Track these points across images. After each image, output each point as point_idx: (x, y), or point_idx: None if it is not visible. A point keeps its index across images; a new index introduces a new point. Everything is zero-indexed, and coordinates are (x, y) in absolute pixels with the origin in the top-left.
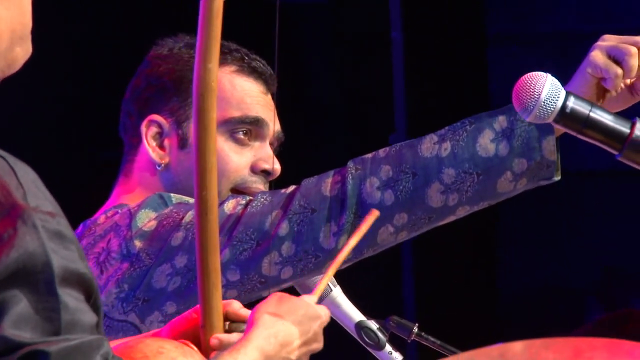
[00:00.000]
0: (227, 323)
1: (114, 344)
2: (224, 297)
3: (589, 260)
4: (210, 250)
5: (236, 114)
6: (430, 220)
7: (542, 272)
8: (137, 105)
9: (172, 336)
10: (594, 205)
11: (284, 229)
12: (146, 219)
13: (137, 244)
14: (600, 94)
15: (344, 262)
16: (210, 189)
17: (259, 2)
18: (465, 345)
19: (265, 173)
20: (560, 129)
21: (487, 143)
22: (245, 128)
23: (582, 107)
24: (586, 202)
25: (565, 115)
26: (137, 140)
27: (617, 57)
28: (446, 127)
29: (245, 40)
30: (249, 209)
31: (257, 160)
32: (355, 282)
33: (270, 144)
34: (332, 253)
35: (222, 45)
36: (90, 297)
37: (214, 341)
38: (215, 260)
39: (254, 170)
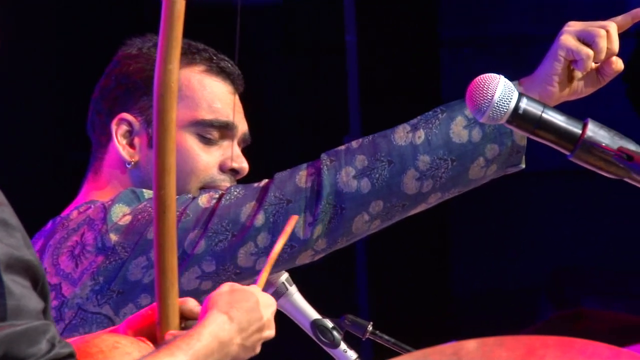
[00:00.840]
0: (183, 320)
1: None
2: (200, 289)
3: (540, 260)
4: (168, 249)
5: (207, 116)
6: (404, 208)
7: (495, 271)
8: (107, 103)
9: (130, 333)
10: (544, 206)
11: (259, 220)
12: (120, 213)
13: (113, 237)
14: (570, 77)
15: (318, 253)
16: (168, 189)
17: (215, 5)
18: (420, 344)
19: (233, 172)
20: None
21: (460, 130)
22: (215, 131)
23: (534, 108)
24: (536, 202)
25: (518, 116)
26: (107, 138)
27: (587, 39)
28: (418, 117)
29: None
30: (222, 202)
31: (225, 159)
32: (311, 281)
33: (237, 143)
34: (308, 243)
35: (190, 45)
36: (37, 283)
37: (169, 337)
38: (173, 258)
39: (222, 169)
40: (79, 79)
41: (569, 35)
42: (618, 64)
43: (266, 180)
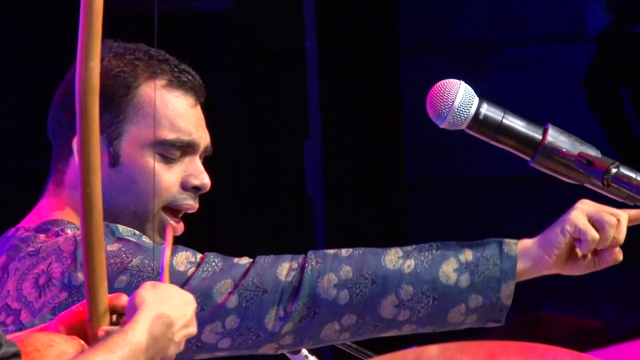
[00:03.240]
0: (115, 316)
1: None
2: None
3: None
4: (95, 245)
5: (169, 136)
6: (376, 329)
7: None
8: (68, 115)
9: (61, 330)
10: (504, 211)
11: (232, 302)
12: None
13: (81, 277)
14: (570, 253)
15: (282, 348)
16: (93, 187)
17: (164, 11)
18: (381, 349)
19: (196, 189)
20: (525, 271)
21: (450, 271)
22: (177, 150)
23: (494, 114)
24: (496, 208)
25: (478, 122)
26: (67, 151)
27: (597, 223)
28: (413, 246)
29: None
30: (199, 273)
31: (187, 176)
32: None
33: (199, 156)
34: (275, 337)
35: (150, 56)
36: None
37: (101, 333)
38: (100, 254)
39: (184, 187)
40: (32, 84)
41: (580, 213)
42: (619, 256)
43: (247, 261)
